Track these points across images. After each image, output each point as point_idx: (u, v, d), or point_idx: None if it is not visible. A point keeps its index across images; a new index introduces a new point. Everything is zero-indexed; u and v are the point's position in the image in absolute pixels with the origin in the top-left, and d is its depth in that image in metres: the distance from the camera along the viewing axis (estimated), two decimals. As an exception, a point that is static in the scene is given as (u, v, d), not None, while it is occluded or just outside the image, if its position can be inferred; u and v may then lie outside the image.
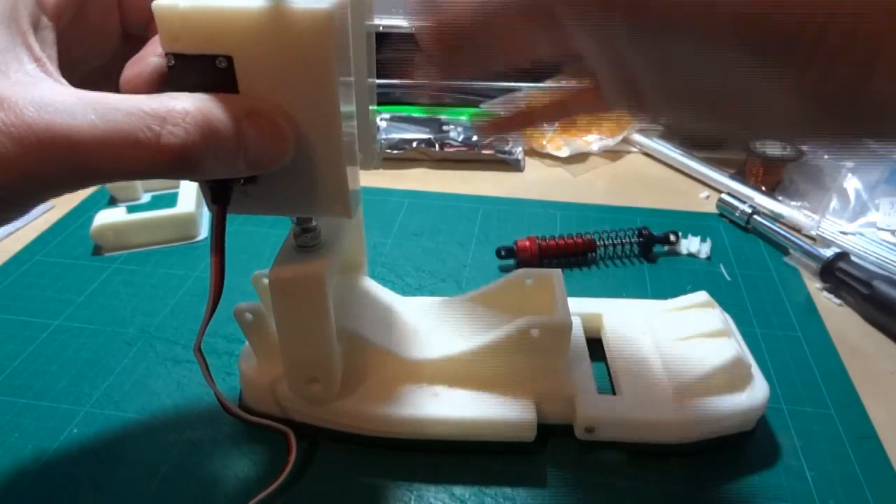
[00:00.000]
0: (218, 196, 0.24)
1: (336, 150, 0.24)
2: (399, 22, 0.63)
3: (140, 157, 0.20)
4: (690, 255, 0.50)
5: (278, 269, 0.29)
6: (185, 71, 0.22)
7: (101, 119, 0.19)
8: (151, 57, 0.23)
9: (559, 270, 0.36)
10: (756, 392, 0.33)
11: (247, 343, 0.35)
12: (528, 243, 0.49)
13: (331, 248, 0.30)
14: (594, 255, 0.50)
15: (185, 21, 0.21)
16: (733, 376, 0.34)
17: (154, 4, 0.21)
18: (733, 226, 0.54)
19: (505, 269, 0.49)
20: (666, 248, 0.51)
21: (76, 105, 0.19)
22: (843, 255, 0.46)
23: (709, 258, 0.50)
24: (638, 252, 0.50)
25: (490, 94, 0.69)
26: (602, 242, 0.50)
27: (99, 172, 0.20)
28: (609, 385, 0.37)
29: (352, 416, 0.33)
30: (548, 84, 0.75)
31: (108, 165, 0.20)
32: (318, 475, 0.33)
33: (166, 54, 0.22)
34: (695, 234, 0.52)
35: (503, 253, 0.49)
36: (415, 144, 0.63)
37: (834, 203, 0.54)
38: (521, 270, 0.37)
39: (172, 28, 0.21)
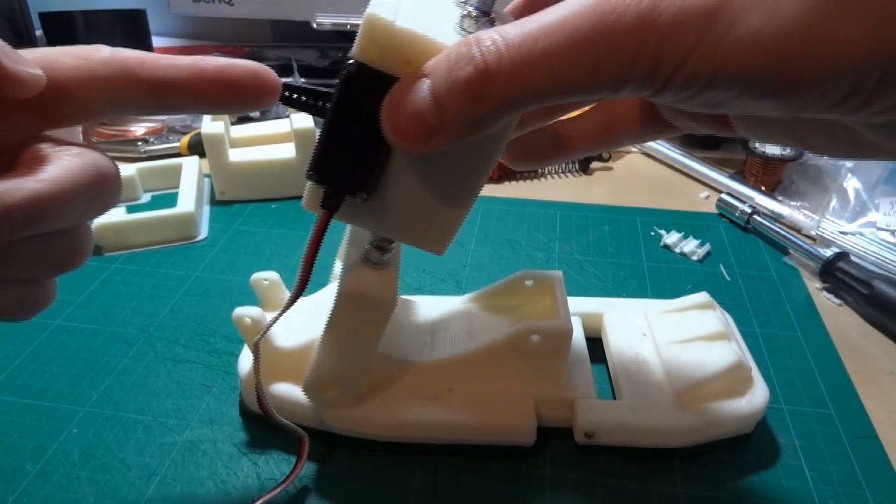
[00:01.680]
0: (330, 202, 0.24)
1: (464, 203, 0.25)
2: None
3: None
4: (684, 255, 0.50)
5: (353, 283, 0.28)
6: (361, 82, 0.21)
7: None
8: None
9: (560, 273, 0.36)
10: (756, 397, 0.33)
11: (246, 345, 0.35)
12: None
13: (395, 266, 0.29)
14: (542, 171, 0.62)
15: (394, 39, 0.20)
16: (734, 381, 0.33)
17: (369, 12, 0.20)
18: (733, 226, 0.54)
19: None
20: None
21: None
22: (842, 255, 0.46)
23: (701, 261, 0.49)
24: (578, 167, 0.62)
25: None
26: None
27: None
28: (609, 388, 0.37)
29: (350, 421, 0.33)
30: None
31: None
32: (317, 476, 0.33)
33: (352, 60, 0.21)
34: (696, 235, 0.52)
35: None
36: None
37: (834, 203, 0.54)
38: (521, 272, 0.37)
39: (378, 40, 0.21)
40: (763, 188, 0.58)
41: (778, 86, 0.17)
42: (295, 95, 0.24)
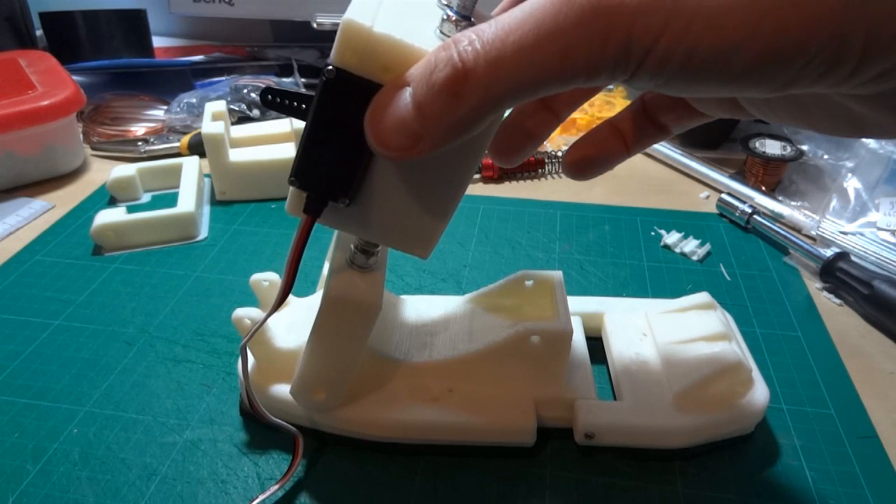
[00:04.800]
0: (312, 207, 0.24)
1: (447, 207, 0.25)
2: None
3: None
4: (684, 255, 0.50)
5: (338, 287, 0.28)
6: (340, 87, 0.21)
7: None
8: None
9: (560, 273, 0.36)
10: (756, 397, 0.33)
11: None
12: (489, 162, 0.60)
13: (381, 270, 0.29)
14: (543, 171, 0.62)
15: (372, 44, 0.20)
16: (734, 381, 0.33)
17: (346, 17, 0.20)
18: (733, 226, 0.54)
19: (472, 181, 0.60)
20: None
21: None
22: (843, 255, 0.46)
23: (701, 261, 0.49)
24: None
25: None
26: (549, 160, 0.62)
27: None
28: (610, 388, 0.37)
29: (350, 422, 0.33)
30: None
31: None
32: (318, 476, 0.33)
33: (330, 66, 0.21)
34: (696, 235, 0.52)
35: None
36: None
37: (834, 203, 0.54)
38: (521, 272, 0.37)
39: (356, 45, 0.20)
40: (763, 188, 0.58)
41: (756, 60, 0.16)
42: (277, 99, 0.23)
